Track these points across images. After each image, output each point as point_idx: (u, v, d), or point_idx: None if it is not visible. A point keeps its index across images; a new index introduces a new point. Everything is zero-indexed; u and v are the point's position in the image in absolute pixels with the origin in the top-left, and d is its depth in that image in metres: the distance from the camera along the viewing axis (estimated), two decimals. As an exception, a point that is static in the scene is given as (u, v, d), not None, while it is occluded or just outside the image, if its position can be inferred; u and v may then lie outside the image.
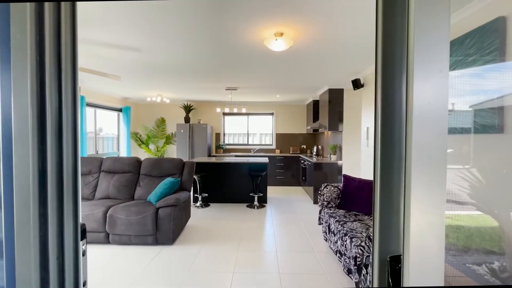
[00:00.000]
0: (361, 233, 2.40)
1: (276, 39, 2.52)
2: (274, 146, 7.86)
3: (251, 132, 8.08)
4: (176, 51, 3.07)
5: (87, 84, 5.15)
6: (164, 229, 3.20)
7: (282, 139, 7.83)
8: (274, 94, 6.24)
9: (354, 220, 2.78)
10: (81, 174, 3.98)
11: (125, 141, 6.95)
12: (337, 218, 2.86)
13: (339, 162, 5.31)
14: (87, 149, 5.20)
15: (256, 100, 7.13)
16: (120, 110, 6.93)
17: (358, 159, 5.03)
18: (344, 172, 5.22)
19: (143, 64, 3.65)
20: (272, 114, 7.91)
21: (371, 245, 1.95)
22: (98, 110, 6.16)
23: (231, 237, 3.55)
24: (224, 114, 7.98)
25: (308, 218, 4.37)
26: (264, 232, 3.78)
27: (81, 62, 3.43)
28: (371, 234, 1.97)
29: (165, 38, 2.68)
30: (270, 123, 8.00)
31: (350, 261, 2.25)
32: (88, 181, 3.94)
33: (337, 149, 5.49)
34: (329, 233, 2.96)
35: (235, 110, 6.26)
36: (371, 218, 2.97)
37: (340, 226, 2.66)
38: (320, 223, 3.38)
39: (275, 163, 7.23)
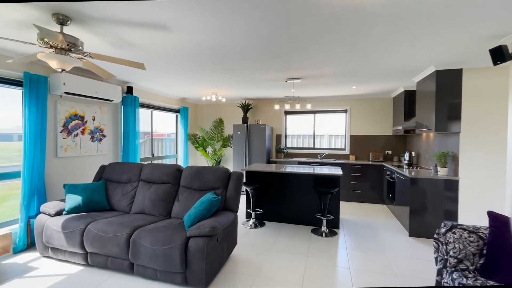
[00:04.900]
0: None
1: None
2: (347, 151, 6.36)
3: (318, 133, 6.78)
4: (225, 29, 2.17)
5: (139, 84, 4.86)
6: (195, 268, 2.34)
7: (359, 142, 6.26)
8: (349, 85, 4.84)
9: (540, 320, 1.33)
10: (120, 183, 3.54)
11: (182, 143, 6.63)
12: (492, 304, 1.46)
13: (452, 178, 3.59)
14: (139, 152, 4.88)
15: (325, 94, 5.81)
16: (177, 111, 6.65)
17: (496, 179, 3.25)
18: (461, 194, 3.48)
19: (186, 51, 2.91)
20: (345, 111, 6.44)
21: None
22: (155, 112, 5.93)
23: (289, 285, 2.46)
24: (286, 112, 6.91)
25: (407, 264, 2.91)
26: (337, 282, 2.56)
27: (107, 51, 2.90)
28: None
29: (214, 12, 1.80)
30: (343, 123, 6.52)
31: None
32: (126, 191, 3.45)
33: (448, 159, 3.76)
34: (469, 327, 1.57)
35: (298, 107, 5.06)
36: None
37: (508, 331, 1.27)
38: (439, 291, 1.97)
39: (349, 173, 5.75)
